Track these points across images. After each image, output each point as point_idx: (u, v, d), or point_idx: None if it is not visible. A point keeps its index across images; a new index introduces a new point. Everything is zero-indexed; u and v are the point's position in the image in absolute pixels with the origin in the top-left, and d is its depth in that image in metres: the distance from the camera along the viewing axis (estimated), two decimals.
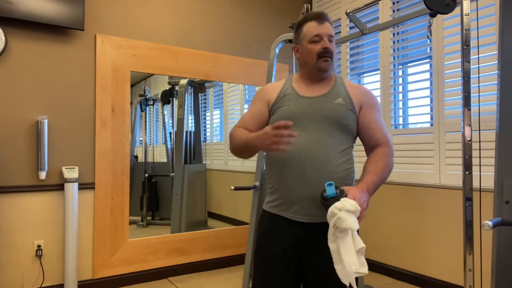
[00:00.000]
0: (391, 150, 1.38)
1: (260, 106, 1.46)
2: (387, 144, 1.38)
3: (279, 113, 1.40)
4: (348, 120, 1.37)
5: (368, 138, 1.40)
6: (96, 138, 2.82)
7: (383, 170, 1.32)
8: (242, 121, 1.47)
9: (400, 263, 3.04)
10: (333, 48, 1.39)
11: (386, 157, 1.35)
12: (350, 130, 1.38)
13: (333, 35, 1.40)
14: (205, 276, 3.15)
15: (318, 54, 1.37)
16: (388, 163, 1.35)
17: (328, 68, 1.39)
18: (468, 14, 1.78)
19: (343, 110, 1.37)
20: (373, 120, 1.40)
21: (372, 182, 1.28)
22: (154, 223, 3.57)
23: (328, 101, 1.38)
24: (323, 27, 1.38)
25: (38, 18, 2.54)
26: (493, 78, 2.44)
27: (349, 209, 1.15)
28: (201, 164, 3.65)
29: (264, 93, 1.48)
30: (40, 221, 2.64)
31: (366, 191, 1.24)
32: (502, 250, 1.67)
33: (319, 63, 1.38)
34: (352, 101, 1.39)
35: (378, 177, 1.30)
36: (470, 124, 1.76)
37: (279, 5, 3.74)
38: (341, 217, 1.15)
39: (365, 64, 3.44)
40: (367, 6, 2.48)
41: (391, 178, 3.10)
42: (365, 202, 1.21)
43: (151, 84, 3.51)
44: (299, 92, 1.41)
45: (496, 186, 1.69)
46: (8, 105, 2.56)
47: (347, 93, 1.41)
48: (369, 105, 1.42)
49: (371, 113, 1.40)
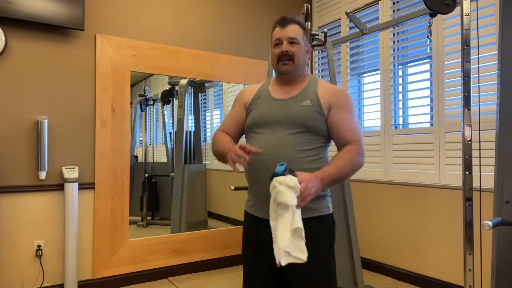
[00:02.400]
0: (360, 148, 1.38)
1: (238, 109, 1.54)
2: (356, 142, 1.39)
3: (251, 115, 1.48)
4: (315, 122, 1.39)
5: (337, 137, 1.42)
6: (96, 138, 2.82)
7: (345, 165, 1.33)
8: (223, 125, 1.55)
9: (400, 263, 3.04)
10: (294, 50, 1.42)
11: (352, 154, 1.36)
12: (317, 131, 1.39)
13: (295, 37, 1.42)
14: (205, 276, 3.15)
15: (278, 58, 1.43)
16: (353, 160, 1.35)
17: (288, 71, 1.43)
18: (468, 14, 1.79)
19: (309, 112, 1.39)
20: (342, 120, 1.40)
21: (329, 173, 1.30)
22: (154, 223, 3.58)
23: (295, 103, 1.41)
24: (283, 31, 1.43)
25: (38, 18, 2.54)
26: (493, 78, 2.44)
27: (289, 184, 1.17)
28: (201, 164, 3.65)
29: (242, 96, 1.56)
30: (40, 221, 2.64)
31: (319, 179, 1.26)
32: (502, 250, 1.67)
33: (278, 66, 1.44)
34: (320, 103, 1.41)
35: (338, 170, 1.32)
36: (470, 124, 1.76)
37: (279, 5, 3.75)
38: (280, 191, 1.17)
39: (365, 64, 3.45)
40: (367, 6, 2.48)
41: (391, 178, 3.10)
42: (313, 188, 1.22)
43: (151, 84, 3.51)
44: (272, 94, 1.47)
45: (496, 186, 1.69)
46: (8, 105, 2.56)
47: (316, 95, 1.42)
48: (338, 105, 1.42)
49: (340, 113, 1.41)
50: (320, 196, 1.41)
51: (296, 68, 1.44)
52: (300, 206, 1.20)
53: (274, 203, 1.21)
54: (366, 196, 3.31)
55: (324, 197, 1.44)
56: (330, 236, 1.43)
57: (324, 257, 1.40)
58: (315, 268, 1.36)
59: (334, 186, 2.57)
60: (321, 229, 1.40)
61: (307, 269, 1.35)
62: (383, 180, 3.17)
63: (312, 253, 1.34)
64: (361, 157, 1.39)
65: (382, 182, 3.18)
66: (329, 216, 1.44)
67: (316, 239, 1.37)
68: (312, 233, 1.36)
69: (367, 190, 3.30)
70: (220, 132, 1.53)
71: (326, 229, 1.41)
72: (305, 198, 1.20)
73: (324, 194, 1.43)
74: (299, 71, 1.45)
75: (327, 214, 1.43)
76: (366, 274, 3.16)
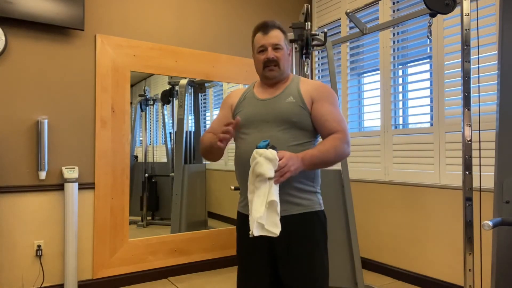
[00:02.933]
0: (344, 136, 1.40)
1: (225, 112, 1.60)
2: (341, 131, 1.40)
3: (237, 115, 1.51)
4: (299, 117, 1.41)
5: (322, 130, 1.44)
6: (96, 138, 2.82)
7: (328, 150, 1.35)
8: (210, 128, 1.60)
9: (400, 263, 3.04)
10: (279, 55, 1.46)
11: (336, 141, 1.38)
12: (303, 126, 1.42)
13: (278, 43, 1.46)
14: (205, 276, 3.15)
15: (263, 64, 1.47)
16: (337, 147, 1.37)
17: (274, 76, 1.47)
18: (468, 14, 1.79)
19: (293, 108, 1.42)
20: (325, 112, 1.43)
21: (311, 155, 1.32)
22: (154, 223, 3.57)
23: (280, 100, 1.45)
24: (267, 38, 1.47)
25: (38, 18, 2.54)
26: (493, 78, 2.44)
27: (268, 156, 1.22)
28: (201, 164, 3.65)
29: (228, 99, 1.62)
30: (40, 221, 2.64)
31: (300, 158, 1.29)
32: (502, 250, 1.67)
33: (265, 72, 1.48)
34: (302, 98, 1.44)
35: (320, 153, 1.34)
36: (470, 124, 1.76)
37: (279, 5, 3.75)
38: (259, 162, 1.22)
39: (365, 64, 3.44)
40: (367, 6, 2.48)
41: (391, 178, 3.10)
42: (292, 166, 1.25)
43: (151, 84, 3.51)
44: (257, 95, 1.52)
45: (496, 186, 1.69)
46: (8, 105, 2.56)
47: (299, 91, 1.46)
48: (320, 98, 1.44)
49: (322, 106, 1.43)
50: (311, 192, 1.44)
51: (282, 72, 1.49)
52: (278, 181, 1.23)
53: (252, 175, 1.25)
54: (366, 196, 3.31)
55: (315, 193, 1.46)
56: (323, 232, 1.45)
57: (318, 253, 1.41)
58: (309, 265, 1.38)
59: (334, 186, 2.58)
60: (314, 225, 1.42)
61: (301, 266, 1.37)
62: (383, 180, 3.17)
63: (305, 249, 1.37)
64: (346, 145, 1.40)
65: (382, 182, 3.18)
66: (321, 212, 1.46)
67: (309, 235, 1.40)
68: (305, 229, 1.40)
69: (367, 190, 3.30)
70: (207, 133, 1.57)
71: (318, 225, 1.43)
72: (283, 175, 1.23)
73: (315, 191, 1.45)
74: (284, 74, 1.51)
75: (319, 210, 1.45)
76: (366, 274, 3.16)
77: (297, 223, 1.39)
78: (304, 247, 1.38)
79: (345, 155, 1.41)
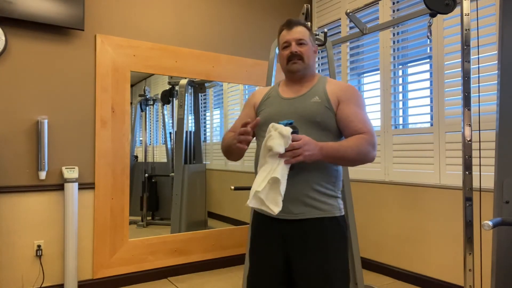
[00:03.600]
0: (370, 137, 1.36)
1: (248, 111, 1.58)
2: (367, 133, 1.36)
3: (261, 115, 1.49)
4: (323, 117, 1.39)
5: (347, 131, 1.40)
6: (96, 138, 2.82)
7: (350, 146, 1.31)
8: (233, 127, 1.58)
9: (400, 263, 3.04)
10: (303, 50, 1.45)
11: (361, 140, 1.34)
12: (327, 127, 1.39)
13: (302, 38, 1.45)
14: (205, 276, 3.15)
15: (287, 59, 1.46)
16: (361, 146, 1.32)
17: (297, 69, 1.45)
18: (468, 14, 1.79)
19: (318, 108, 1.39)
20: (351, 113, 1.39)
21: (332, 147, 1.30)
22: (154, 223, 3.57)
23: (304, 100, 1.43)
24: (291, 33, 1.46)
25: (38, 18, 2.54)
26: (493, 78, 2.44)
27: (282, 132, 1.20)
28: (201, 164, 3.65)
29: (252, 98, 1.60)
30: (40, 221, 2.64)
31: (319, 147, 1.26)
32: (502, 250, 1.67)
33: (288, 66, 1.47)
34: (328, 98, 1.41)
35: (341, 147, 1.31)
36: (470, 124, 1.76)
37: (279, 5, 3.75)
38: (272, 135, 1.21)
39: (365, 64, 3.44)
40: (367, 6, 2.48)
41: (391, 178, 3.10)
42: (308, 151, 1.22)
43: (151, 84, 3.51)
44: (281, 94, 1.50)
45: (496, 186, 1.69)
46: (8, 105, 2.56)
47: (325, 91, 1.43)
48: (347, 99, 1.41)
49: (349, 107, 1.40)
50: (332, 196, 1.39)
51: (306, 67, 1.46)
52: (288, 162, 1.21)
53: (264, 149, 1.24)
54: (366, 196, 3.31)
55: (336, 198, 1.41)
56: (342, 238, 1.39)
57: (336, 259, 1.35)
58: (325, 272, 1.32)
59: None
60: (333, 231, 1.37)
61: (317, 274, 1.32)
62: (383, 180, 3.17)
63: (321, 256, 1.32)
64: (371, 147, 1.35)
65: (382, 182, 3.18)
66: (341, 218, 1.41)
67: (328, 240, 1.35)
68: (322, 234, 1.34)
69: (367, 190, 3.30)
70: (228, 133, 1.55)
71: (338, 231, 1.38)
72: (295, 156, 1.21)
73: (335, 195, 1.41)
74: (308, 70, 1.48)
75: (339, 215, 1.40)
76: (366, 274, 3.16)
77: (314, 228, 1.34)
78: (320, 254, 1.32)
79: (369, 158, 1.36)
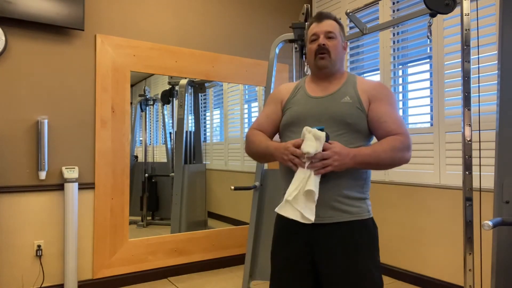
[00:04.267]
0: (406, 139, 1.28)
1: (274, 107, 1.48)
2: (402, 134, 1.29)
3: (287, 113, 1.41)
4: (355, 119, 1.31)
5: (380, 133, 1.32)
6: (96, 138, 2.82)
7: (384, 150, 1.25)
8: (257, 123, 1.48)
9: (400, 263, 3.04)
10: (331, 44, 1.37)
11: (395, 142, 1.26)
12: (358, 128, 1.32)
13: (331, 31, 1.38)
14: (205, 276, 3.15)
15: (315, 52, 1.38)
16: (395, 149, 1.25)
17: (325, 65, 1.38)
18: (468, 14, 1.78)
19: (349, 108, 1.32)
20: (384, 113, 1.32)
21: (365, 153, 1.24)
22: (154, 223, 3.57)
23: (334, 100, 1.35)
24: (320, 25, 1.39)
25: (38, 18, 2.54)
26: (493, 78, 2.44)
27: (317, 134, 1.18)
28: (201, 164, 3.64)
29: (278, 93, 1.50)
30: (40, 221, 2.64)
31: (352, 155, 1.21)
32: (502, 250, 1.67)
33: (316, 60, 1.38)
34: (360, 98, 1.34)
35: (374, 152, 1.24)
36: (470, 124, 1.76)
37: (279, 5, 3.74)
38: (307, 137, 1.19)
39: (365, 64, 3.44)
40: (367, 6, 2.48)
41: (391, 178, 3.10)
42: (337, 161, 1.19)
43: (151, 84, 3.51)
44: (309, 92, 1.41)
45: (496, 186, 1.69)
46: (8, 105, 2.56)
47: (355, 91, 1.36)
48: (378, 98, 1.34)
49: (381, 106, 1.32)
50: (360, 198, 1.34)
51: (334, 63, 1.38)
52: (318, 173, 1.16)
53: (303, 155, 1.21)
54: None
55: (364, 200, 1.36)
56: (371, 242, 1.33)
57: (365, 264, 1.29)
58: (355, 276, 1.27)
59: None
60: (362, 235, 1.31)
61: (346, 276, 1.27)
62: (383, 180, 3.17)
63: (351, 260, 1.27)
64: (406, 149, 1.27)
65: (382, 182, 3.18)
66: (370, 220, 1.35)
67: (357, 244, 1.29)
68: (351, 238, 1.29)
69: None
70: (255, 131, 1.46)
71: (366, 234, 1.32)
72: (325, 167, 1.16)
73: (364, 197, 1.36)
74: (336, 66, 1.40)
75: (368, 218, 1.34)
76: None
77: (342, 231, 1.29)
78: (348, 257, 1.27)
79: (404, 160, 1.28)
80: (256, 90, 3.70)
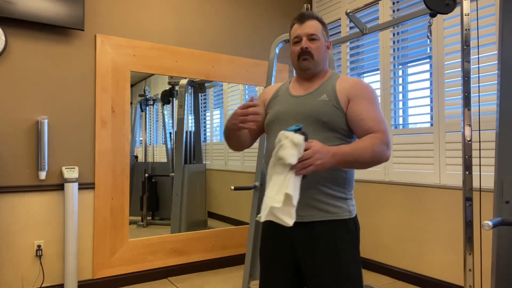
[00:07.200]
0: (384, 137, 1.26)
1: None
2: (380, 132, 1.27)
3: (270, 113, 1.44)
4: (330, 117, 1.30)
5: (357, 130, 1.31)
6: (96, 138, 2.82)
7: (364, 148, 1.22)
8: None
9: (400, 263, 3.04)
10: (314, 46, 1.38)
11: (375, 140, 1.24)
12: (334, 127, 1.31)
13: (314, 33, 1.38)
14: (205, 276, 3.15)
15: (298, 55, 1.39)
16: (375, 146, 1.23)
17: (308, 67, 1.38)
18: (468, 14, 1.78)
19: (325, 107, 1.32)
20: (362, 111, 1.30)
21: (345, 151, 1.20)
22: (154, 223, 3.57)
23: (312, 98, 1.36)
24: (302, 27, 1.39)
25: (38, 18, 2.54)
26: (493, 78, 2.44)
27: (294, 140, 1.10)
28: (201, 164, 3.65)
29: (263, 94, 1.54)
30: (40, 221, 2.64)
31: (331, 153, 1.16)
32: (502, 250, 1.67)
33: (299, 63, 1.39)
34: (337, 97, 1.33)
35: (353, 150, 1.21)
36: (470, 124, 1.76)
37: (279, 5, 3.74)
38: (284, 144, 1.11)
39: (365, 64, 3.44)
40: (367, 6, 2.48)
41: (391, 178, 3.10)
42: (319, 159, 1.12)
43: (151, 84, 3.51)
44: (291, 91, 1.44)
45: (496, 186, 1.69)
46: (8, 105, 2.56)
47: (333, 89, 1.35)
48: (358, 96, 1.32)
49: (360, 104, 1.31)
50: (341, 198, 1.34)
51: (317, 64, 1.39)
52: (299, 173, 1.12)
53: (275, 158, 1.15)
54: (366, 196, 3.31)
55: (345, 200, 1.35)
56: (351, 242, 1.34)
57: (346, 263, 1.31)
58: (335, 274, 1.29)
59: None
60: (341, 234, 1.32)
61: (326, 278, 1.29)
62: (383, 180, 3.17)
63: (332, 258, 1.29)
64: (386, 147, 1.26)
65: (382, 182, 3.18)
66: (351, 220, 1.34)
67: (336, 244, 1.31)
68: (329, 238, 1.31)
69: (367, 190, 3.30)
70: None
71: (345, 234, 1.32)
72: (306, 167, 1.11)
73: (345, 197, 1.35)
74: (319, 67, 1.41)
75: (349, 218, 1.34)
76: (366, 274, 3.16)
77: (322, 231, 1.30)
78: (329, 257, 1.29)
79: (384, 158, 1.26)
80: (256, 90, 3.70)
